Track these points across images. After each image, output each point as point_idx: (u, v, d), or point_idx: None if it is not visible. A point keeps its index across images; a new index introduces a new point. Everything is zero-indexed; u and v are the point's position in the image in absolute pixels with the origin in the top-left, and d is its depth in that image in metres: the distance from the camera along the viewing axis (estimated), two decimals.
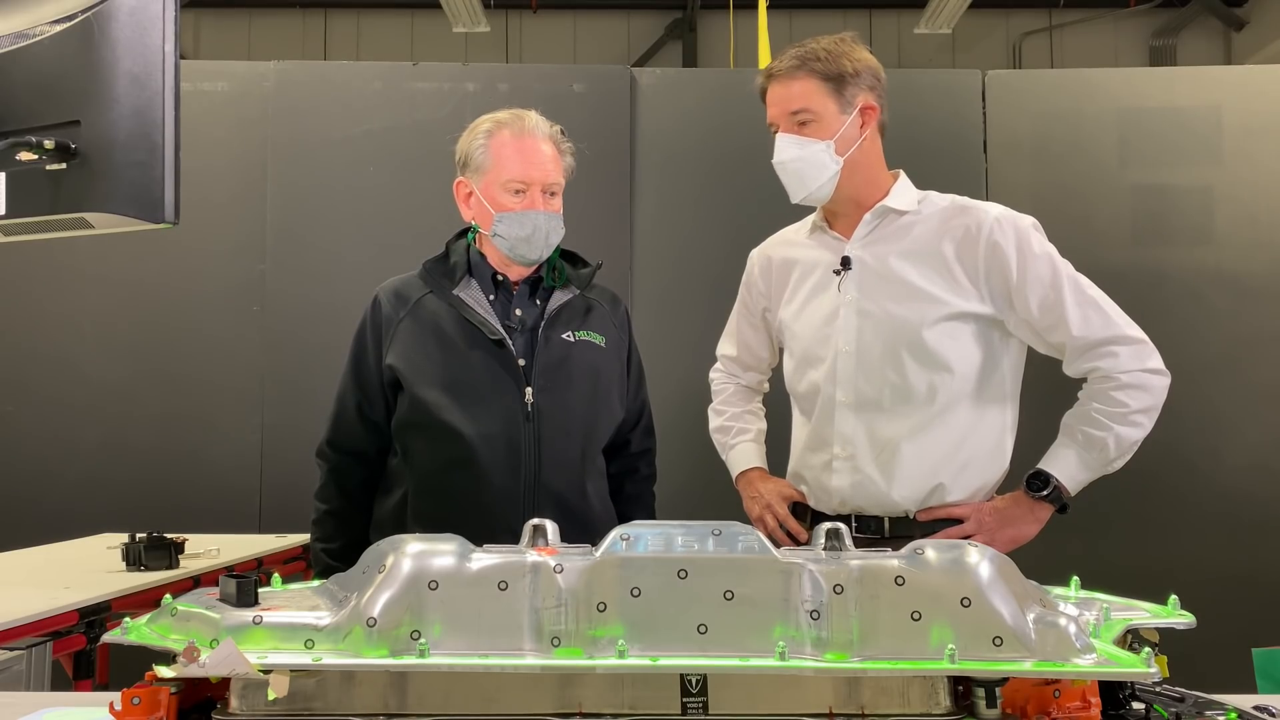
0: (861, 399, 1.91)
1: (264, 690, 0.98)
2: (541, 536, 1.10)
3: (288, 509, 3.49)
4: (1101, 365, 1.85)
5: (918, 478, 1.88)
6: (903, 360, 1.87)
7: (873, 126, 1.91)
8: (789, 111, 1.90)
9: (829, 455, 1.94)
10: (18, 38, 1.22)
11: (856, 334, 1.91)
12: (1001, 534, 1.86)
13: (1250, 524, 3.50)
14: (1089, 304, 1.85)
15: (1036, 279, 1.85)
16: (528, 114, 2.01)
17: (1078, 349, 1.86)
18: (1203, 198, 3.62)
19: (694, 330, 3.64)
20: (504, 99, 3.57)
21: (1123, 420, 1.83)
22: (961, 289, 1.87)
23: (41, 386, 3.60)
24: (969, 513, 1.88)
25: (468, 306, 1.96)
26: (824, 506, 1.97)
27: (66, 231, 1.28)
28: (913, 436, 1.88)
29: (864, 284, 1.92)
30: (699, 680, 1.00)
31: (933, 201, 1.96)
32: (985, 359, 1.90)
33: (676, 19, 10.31)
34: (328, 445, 2.05)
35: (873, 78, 1.91)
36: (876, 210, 1.93)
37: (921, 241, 1.91)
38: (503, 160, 1.96)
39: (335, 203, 3.65)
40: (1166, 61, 9.71)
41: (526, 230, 1.94)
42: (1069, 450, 1.87)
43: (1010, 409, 1.95)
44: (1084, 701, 0.98)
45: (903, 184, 1.97)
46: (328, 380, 2.81)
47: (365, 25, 10.33)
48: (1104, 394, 1.84)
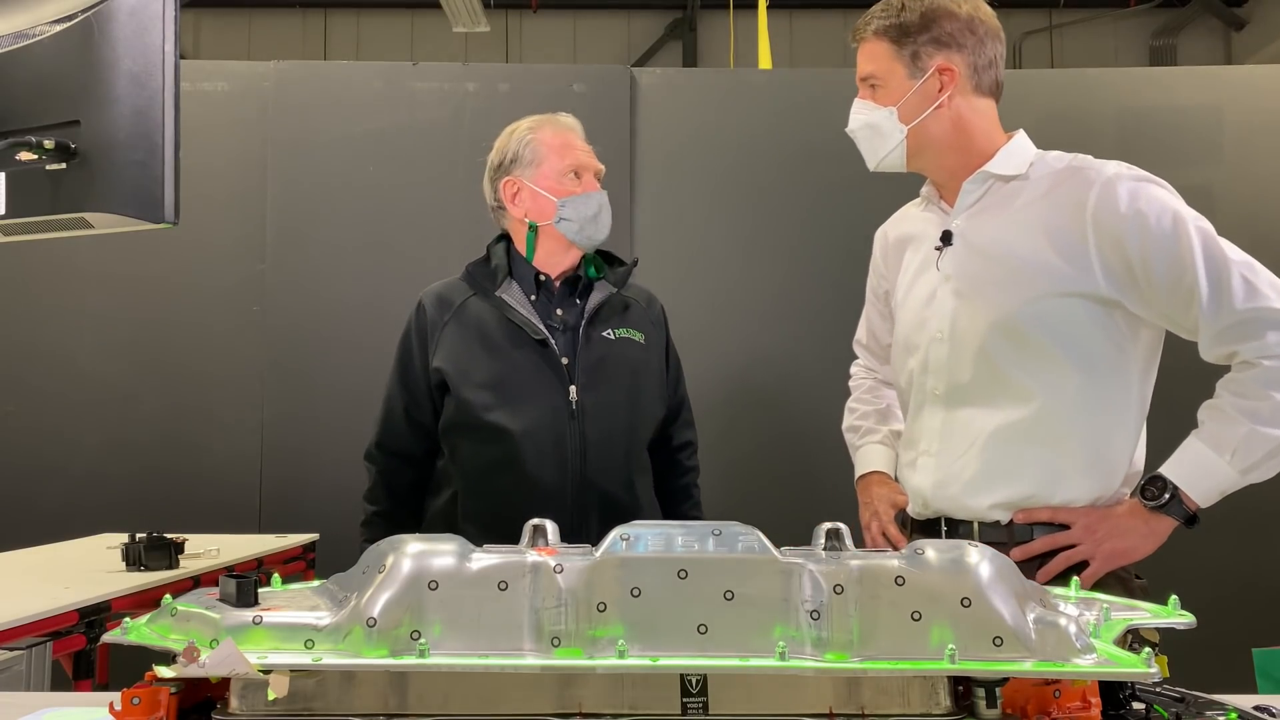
0: (954, 390, 1.70)
1: (264, 690, 0.98)
2: (541, 536, 1.10)
3: (288, 509, 3.50)
4: (1242, 348, 1.55)
5: (1009, 482, 1.65)
6: (1000, 347, 1.65)
7: (955, 87, 1.70)
8: (861, 76, 1.76)
9: (915, 452, 1.76)
10: (18, 38, 1.22)
11: (951, 318, 1.71)
12: (1108, 545, 1.61)
13: (1250, 524, 3.50)
14: (1226, 272, 1.56)
15: (1160, 244, 1.57)
16: (560, 115, 2.11)
17: (1213, 328, 1.56)
18: (1203, 198, 3.60)
19: (694, 329, 3.66)
20: (504, 99, 3.59)
21: (1267, 417, 1.53)
22: (1075, 262, 1.61)
23: (41, 386, 3.60)
24: (1076, 518, 1.62)
25: (510, 308, 2.00)
26: (912, 509, 1.79)
27: (66, 231, 1.28)
28: (1007, 434, 1.65)
29: (962, 261, 1.71)
30: (699, 680, 1.00)
31: (1047, 163, 1.72)
32: (1103, 345, 1.63)
33: (676, 19, 10.32)
34: (376, 448, 2.08)
35: (965, 33, 1.70)
36: (976, 177, 1.72)
37: (1029, 210, 1.67)
38: (555, 150, 2.04)
39: (335, 202, 3.65)
40: (1166, 61, 9.72)
41: (593, 209, 2.02)
42: (1197, 451, 1.59)
43: (1136, 405, 1.67)
44: (1084, 701, 0.98)
45: (1016, 144, 1.75)
46: (328, 380, 2.82)
47: (365, 25, 10.34)
48: (1244, 383, 1.55)
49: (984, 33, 1.73)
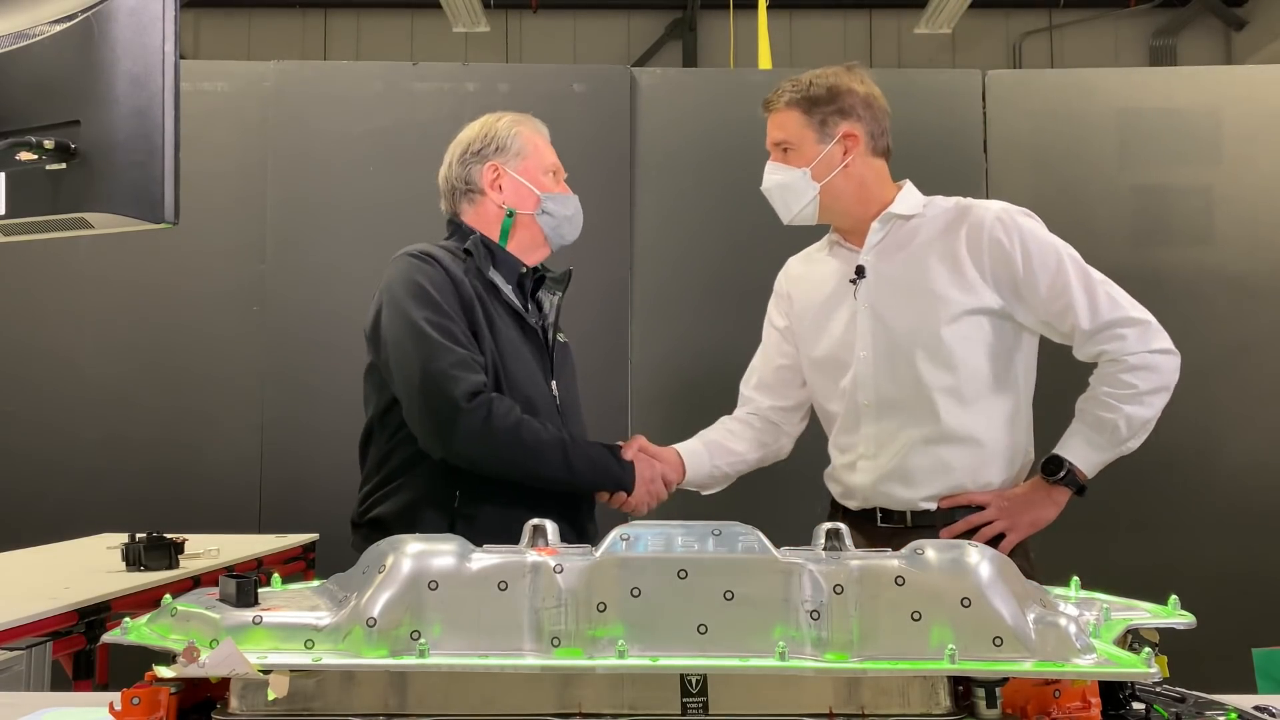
0: (882, 401, 1.98)
1: (264, 690, 0.98)
2: (541, 536, 1.10)
3: (287, 509, 3.49)
4: (1109, 348, 1.90)
5: (937, 476, 1.95)
6: (917, 361, 1.94)
7: (857, 151, 1.99)
8: (774, 141, 2.05)
9: (854, 456, 2.02)
10: (18, 38, 1.22)
11: (872, 338, 1.98)
12: (1021, 518, 1.93)
13: (1250, 524, 3.50)
14: (1094, 289, 1.90)
15: (1042, 267, 1.90)
16: (529, 116, 2.10)
17: (1086, 333, 1.90)
18: (1202, 198, 3.62)
19: (693, 329, 3.66)
20: (504, 99, 3.58)
21: (1132, 401, 1.88)
22: (971, 286, 1.93)
23: (41, 386, 3.59)
24: (989, 499, 1.94)
25: (505, 293, 1.97)
26: (849, 502, 2.06)
27: (66, 231, 1.28)
28: (930, 436, 1.94)
29: (877, 289, 2.00)
30: (699, 680, 1.00)
31: (937, 204, 2.03)
32: (999, 354, 1.95)
33: (676, 19, 10.32)
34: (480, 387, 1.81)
35: (862, 107, 2.00)
36: (883, 218, 2.01)
37: (929, 242, 1.98)
38: (538, 148, 2.05)
39: (335, 202, 3.65)
40: (1166, 61, 9.73)
41: (570, 210, 2.05)
42: (1081, 434, 1.92)
43: (1025, 401, 2.00)
44: (1084, 701, 0.98)
45: (907, 192, 2.05)
46: (328, 380, 2.81)
47: (365, 25, 10.34)
48: (1112, 376, 1.89)
49: (878, 107, 2.04)
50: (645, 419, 3.52)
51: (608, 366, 3.51)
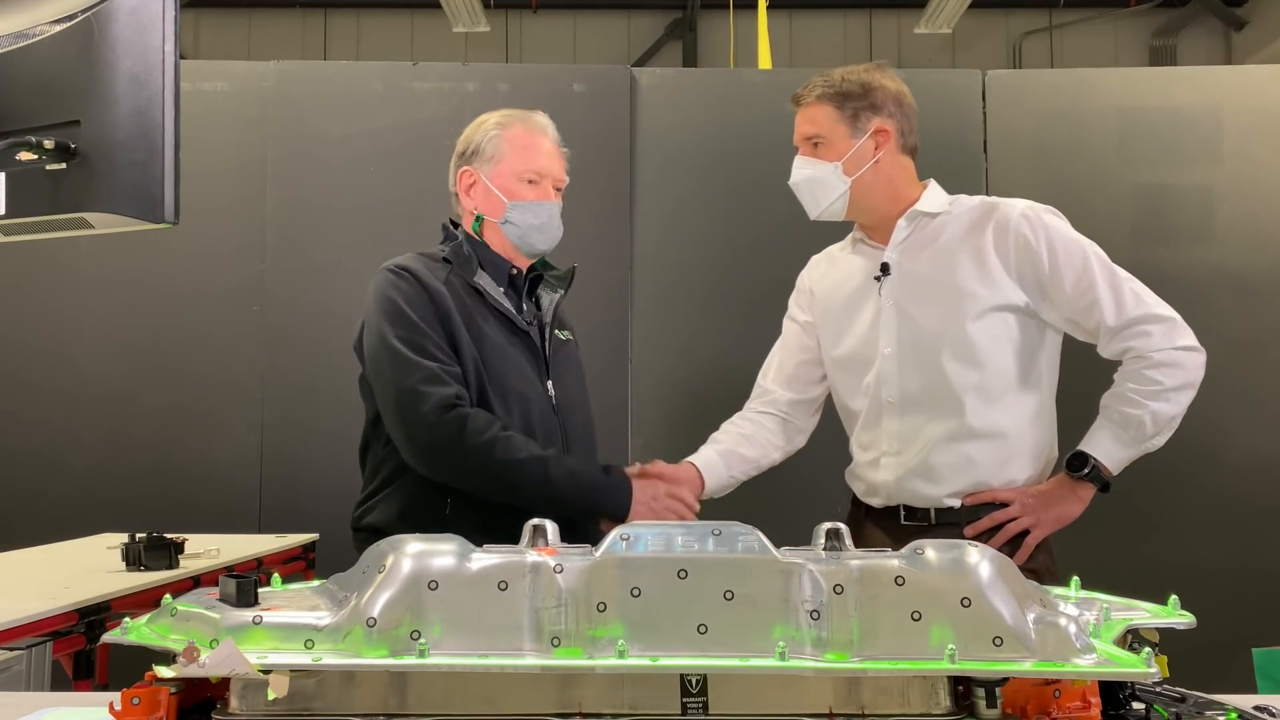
0: (906, 397, 1.98)
1: (264, 690, 0.98)
2: (541, 536, 1.10)
3: (287, 509, 3.49)
4: (1134, 345, 1.90)
5: (962, 473, 1.94)
6: (943, 358, 1.94)
7: (888, 147, 2.00)
8: (805, 136, 2.03)
9: (878, 453, 2.02)
10: (18, 38, 1.22)
11: (897, 335, 1.99)
12: (1046, 515, 1.93)
13: (1250, 524, 3.50)
14: (1120, 286, 1.91)
15: (1068, 264, 1.91)
16: (535, 113, 2.05)
17: (1111, 330, 1.91)
18: (1203, 197, 3.61)
19: (693, 330, 3.66)
20: (504, 99, 3.57)
21: (1157, 397, 1.88)
22: (997, 283, 1.93)
23: (41, 386, 3.59)
24: (1013, 496, 1.94)
25: (492, 296, 1.97)
26: (872, 500, 2.05)
27: (66, 231, 1.28)
28: (955, 433, 1.94)
29: (902, 286, 2.00)
30: (699, 680, 1.00)
31: (962, 202, 2.04)
32: (1024, 351, 1.95)
33: (676, 19, 10.32)
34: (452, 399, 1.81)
35: (894, 104, 2.00)
36: (909, 215, 2.02)
37: (955, 240, 1.99)
38: (517, 151, 1.99)
39: (335, 202, 3.65)
40: (1166, 61, 9.73)
41: (540, 219, 1.98)
42: (1106, 430, 1.93)
43: (1049, 398, 2.01)
44: (1084, 701, 0.98)
45: (933, 190, 2.06)
46: (328, 380, 2.81)
47: (365, 25, 10.34)
48: (1137, 373, 1.90)
49: (907, 105, 2.04)
50: (645, 419, 3.52)
51: (608, 366, 3.51)
